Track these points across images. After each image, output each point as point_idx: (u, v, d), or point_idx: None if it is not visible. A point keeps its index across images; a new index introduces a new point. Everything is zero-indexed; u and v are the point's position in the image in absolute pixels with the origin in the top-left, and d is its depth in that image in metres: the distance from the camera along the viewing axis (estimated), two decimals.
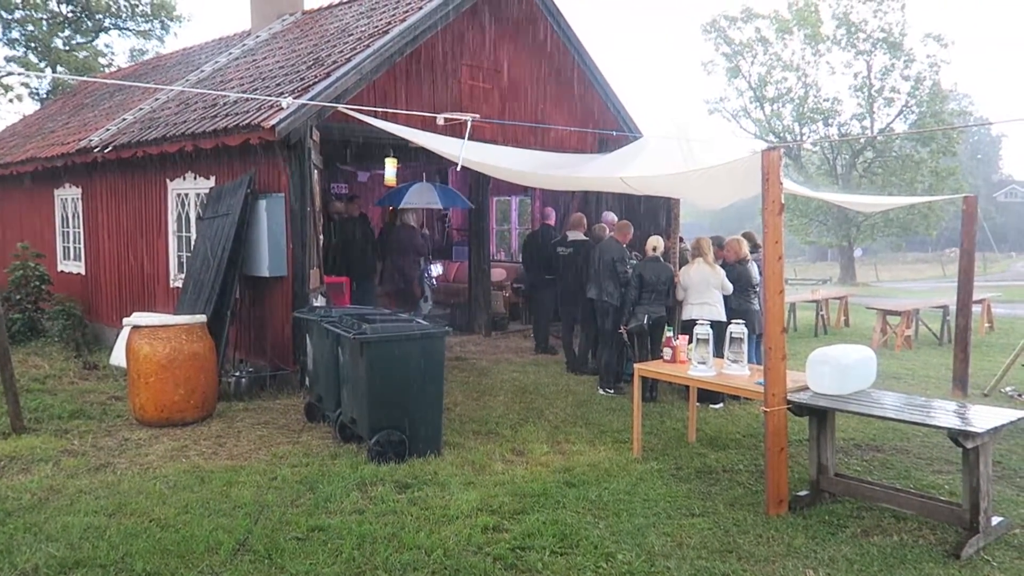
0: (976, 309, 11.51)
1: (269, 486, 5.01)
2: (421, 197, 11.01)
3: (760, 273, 7.30)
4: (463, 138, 6.74)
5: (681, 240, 9.24)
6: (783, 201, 4.62)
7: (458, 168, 6.61)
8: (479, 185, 11.35)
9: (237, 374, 7.62)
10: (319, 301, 7.66)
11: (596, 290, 8.14)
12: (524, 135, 9.98)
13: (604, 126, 10.64)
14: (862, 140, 31.30)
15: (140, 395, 6.51)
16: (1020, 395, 7.79)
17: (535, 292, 10.38)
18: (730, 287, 7.40)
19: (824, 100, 32.56)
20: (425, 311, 11.07)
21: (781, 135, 32.95)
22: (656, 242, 7.70)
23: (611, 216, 10.31)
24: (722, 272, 7.40)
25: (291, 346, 7.71)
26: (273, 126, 7.07)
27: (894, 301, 14.52)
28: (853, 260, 34.27)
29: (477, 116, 8.36)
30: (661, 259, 7.68)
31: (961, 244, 8.08)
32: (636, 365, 6.02)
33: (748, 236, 8.30)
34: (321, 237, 8.03)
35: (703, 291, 7.31)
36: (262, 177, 7.88)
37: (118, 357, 8.67)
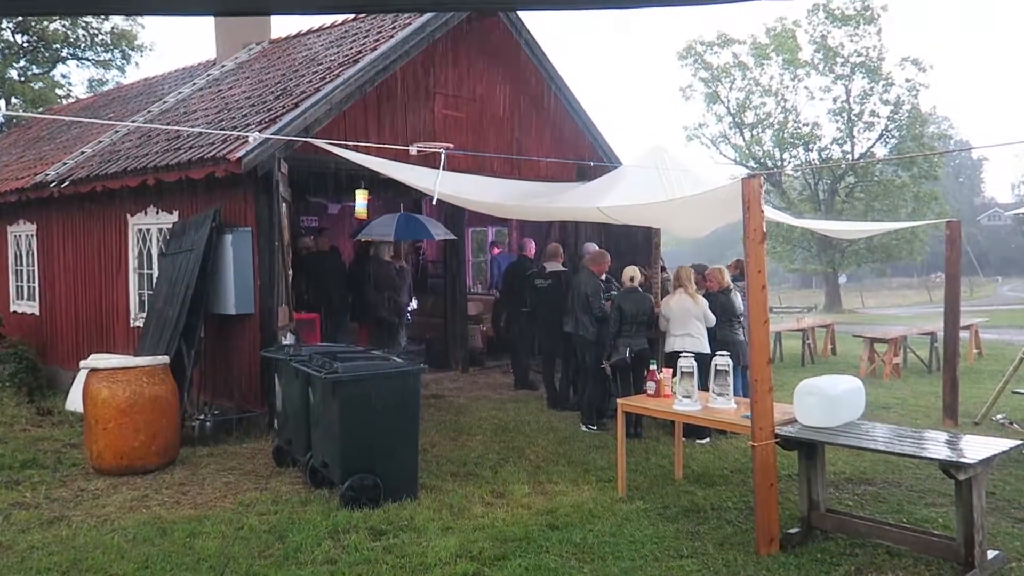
0: (964, 335, 11.69)
1: (235, 536, 4.92)
2: (379, 228, 10.92)
3: (744, 302, 7.38)
4: (437, 168, 6.78)
5: (663, 270, 9.32)
6: (765, 229, 4.69)
7: (434, 201, 6.65)
8: (455, 216, 11.41)
9: (202, 417, 7.50)
10: (288, 339, 7.60)
11: (572, 323, 8.17)
12: (500, 165, 10.06)
13: (582, 155, 10.77)
14: (843, 165, 31.97)
15: (98, 442, 6.38)
16: (1011, 423, 7.90)
17: (514, 326, 10.39)
18: (713, 318, 7.45)
19: (804, 125, 33.32)
20: (401, 346, 11.01)
21: (762, 161, 33.54)
22: (633, 272, 7.76)
23: (592, 247, 10.39)
24: (704, 302, 7.46)
25: (259, 387, 7.62)
26: (239, 158, 7.07)
27: (881, 328, 14.70)
28: (838, 287, 34.80)
29: (451, 146, 8.43)
30: (640, 289, 7.74)
31: (946, 269, 8.24)
32: (619, 400, 6.02)
33: (739, 264, 8.38)
34: (290, 272, 8.00)
35: (685, 322, 7.36)
36: (228, 211, 7.85)
37: (74, 402, 8.50)
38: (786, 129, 33.29)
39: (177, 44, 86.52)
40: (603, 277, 8.39)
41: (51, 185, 9.82)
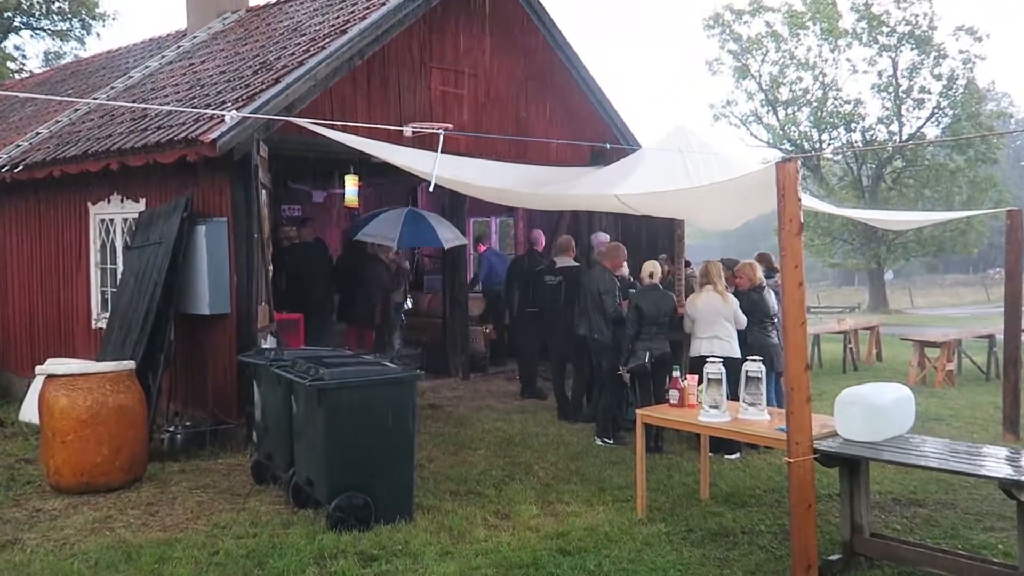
0: None
1: (210, 562, 4.93)
2: (381, 229, 10.86)
3: (778, 301, 7.37)
4: (434, 151, 6.78)
5: (688, 265, 9.32)
6: (802, 219, 4.68)
7: (431, 188, 6.65)
8: (454, 205, 11.41)
9: (172, 429, 7.52)
10: (269, 342, 7.61)
11: (586, 326, 8.18)
12: (504, 148, 10.07)
13: (596, 137, 10.77)
14: (889, 148, 31.89)
15: (56, 456, 6.40)
16: None
17: (519, 327, 10.40)
18: (744, 318, 7.45)
19: (845, 102, 33.22)
20: (395, 349, 11.04)
21: (797, 143, 33.49)
22: (651, 267, 7.77)
23: (603, 237, 10.39)
24: (734, 301, 7.46)
25: (236, 396, 7.64)
26: (213, 140, 7.08)
27: (932, 331, 14.68)
28: (884, 284, 34.73)
29: (450, 126, 8.43)
30: (661, 287, 7.73)
31: (1006, 264, 8.21)
32: (638, 411, 6.01)
33: (763, 258, 8.39)
34: (270, 267, 8.01)
35: (713, 323, 7.36)
36: (201, 199, 7.87)
37: (29, 412, 8.53)
38: (825, 107, 33.20)
39: (143, 13, 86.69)
40: (619, 273, 8.39)
41: (2, 170, 9.85)
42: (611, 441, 7.84)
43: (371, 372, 5.58)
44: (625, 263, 8.70)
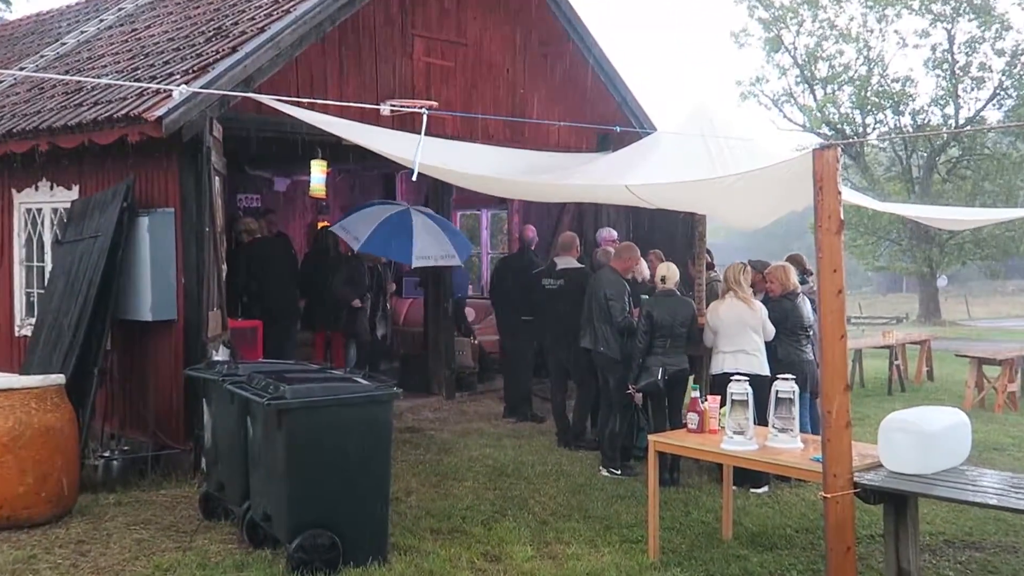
0: None
1: None
2: (429, 246, 10.37)
3: (814, 310, 7.38)
4: (417, 133, 6.79)
5: (711, 267, 9.33)
6: (842, 216, 4.69)
7: (413, 176, 6.65)
8: (438, 195, 11.41)
9: (107, 455, 7.49)
10: (221, 354, 7.60)
11: (590, 337, 8.18)
12: (499, 130, 10.08)
13: (604, 118, 10.78)
14: (944, 134, 32.01)
15: None
16: None
17: (510, 338, 10.40)
18: (773, 330, 7.46)
19: (893, 81, 33.33)
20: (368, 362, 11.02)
21: (838, 127, 33.60)
22: (665, 271, 7.76)
23: (610, 234, 10.40)
24: (763, 310, 7.47)
25: (182, 416, 7.63)
26: (159, 118, 7.08)
27: (992, 346, 14.73)
28: (936, 292, 34.78)
29: (435, 104, 8.45)
30: (677, 292, 7.75)
31: None
32: (651, 437, 6.02)
33: (796, 261, 8.41)
34: (224, 267, 8.00)
35: (738, 335, 7.37)
36: (143, 187, 7.86)
37: None
38: (870, 86, 33.30)
39: None
40: (633, 277, 8.40)
41: None
42: (619, 472, 7.84)
43: (340, 390, 5.57)
44: (643, 264, 8.72)
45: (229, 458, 6.16)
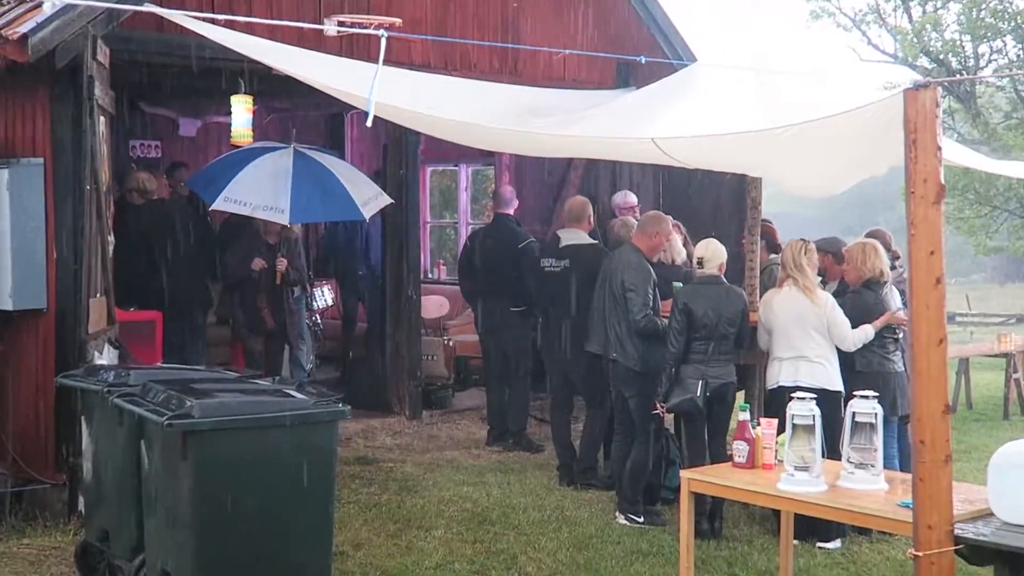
0: None
1: None
2: (254, 192, 10.03)
3: (904, 305, 7.40)
4: (373, 62, 6.75)
5: (775, 248, 9.26)
6: (943, 180, 4.69)
7: (368, 121, 6.61)
8: (401, 145, 11.33)
9: None
10: (106, 356, 7.57)
11: (601, 339, 8.16)
12: (483, 59, 10.04)
13: (628, 46, 10.74)
14: None
15: None
16: None
17: (492, 339, 10.39)
18: (848, 331, 7.43)
19: None
20: (306, 371, 11.01)
21: (940, 58, 33.59)
22: (709, 251, 7.69)
23: (626, 199, 10.38)
24: (832, 303, 7.45)
25: (52, 439, 7.61)
26: (23, 36, 7.03)
27: None
28: None
29: (398, 23, 8.39)
30: (723, 279, 7.72)
31: None
32: (684, 473, 6.02)
33: (879, 238, 8.38)
34: (112, 238, 7.96)
35: (798, 337, 7.34)
36: (2, 129, 7.80)
37: None
38: (985, 3, 33.29)
39: None
40: (656, 259, 8.37)
41: None
42: (641, 520, 7.86)
43: (267, 406, 5.56)
44: (675, 240, 8.68)
45: (116, 497, 6.13)
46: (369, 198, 10.44)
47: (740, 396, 8.13)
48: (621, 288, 7.97)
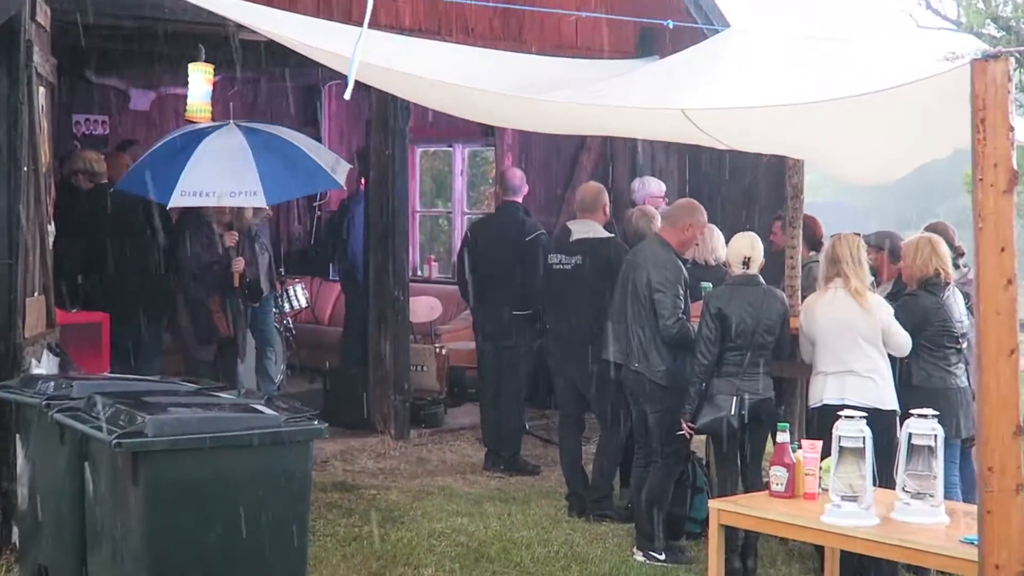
0: None
1: None
2: (215, 179, 10.22)
3: (969, 311, 7.40)
4: (356, 25, 6.76)
5: (817, 244, 9.25)
6: (1015, 165, 4.69)
7: (347, 92, 6.61)
8: (385, 122, 11.33)
9: None
10: (45, 364, 7.59)
11: (621, 347, 8.15)
12: (482, 22, 10.04)
13: (652, 9, 10.74)
14: None
15: None
16: None
17: (491, 346, 10.41)
18: (904, 340, 7.42)
19: None
20: (275, 383, 11.02)
21: (1010, 26, 33.61)
22: (743, 245, 7.68)
23: (651, 188, 10.37)
24: (885, 308, 7.44)
25: None
26: None
27: None
28: None
29: None
30: (760, 279, 7.72)
31: None
32: (714, 503, 6.04)
33: (940, 232, 8.37)
34: (52, 228, 7.97)
35: (846, 349, 7.32)
36: None
37: None
38: None
39: None
40: (691, 258, 8.36)
41: None
42: (663, 557, 7.86)
43: (231, 423, 5.57)
44: (715, 236, 8.68)
45: (56, 528, 6.13)
46: (333, 164, 10.42)
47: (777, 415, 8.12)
48: (647, 288, 7.92)
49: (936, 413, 5.58)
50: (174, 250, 10.30)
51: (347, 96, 6.63)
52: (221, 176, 9.70)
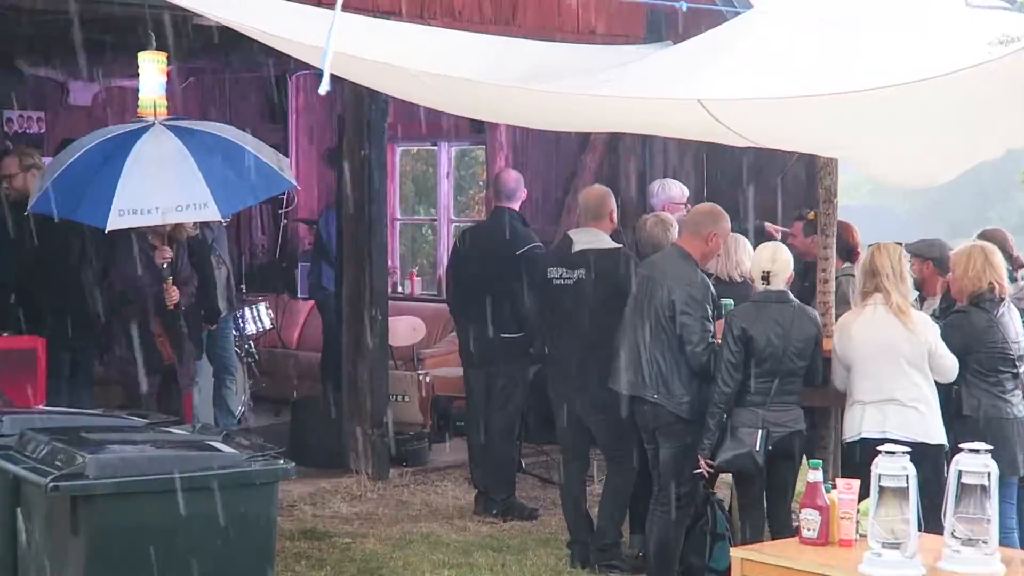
0: None
1: None
2: (157, 192, 9.82)
3: None
4: (328, 7, 6.77)
5: (853, 254, 9.24)
6: None
7: (322, 86, 6.60)
8: (361, 118, 11.33)
9: None
10: None
11: (634, 375, 8.11)
12: (470, 3, 10.05)
13: None
14: None
15: None
16: None
17: (478, 370, 10.45)
18: (952, 364, 7.42)
19: None
20: (235, 416, 11.00)
21: None
22: (779, 263, 7.66)
23: (671, 192, 10.37)
24: (930, 327, 7.44)
25: None
26: None
27: None
28: None
29: None
30: (792, 298, 7.70)
31: None
32: (736, 551, 6.03)
33: (995, 240, 8.36)
34: None
35: (887, 375, 7.33)
36: None
37: None
38: None
39: None
40: (712, 272, 8.36)
41: None
42: None
43: (185, 463, 5.57)
44: (740, 247, 8.67)
45: None
46: (279, 162, 10.09)
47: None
48: (669, 308, 7.86)
49: (989, 447, 5.56)
50: (106, 269, 10.08)
51: (323, 91, 6.62)
52: (162, 189, 9.31)
